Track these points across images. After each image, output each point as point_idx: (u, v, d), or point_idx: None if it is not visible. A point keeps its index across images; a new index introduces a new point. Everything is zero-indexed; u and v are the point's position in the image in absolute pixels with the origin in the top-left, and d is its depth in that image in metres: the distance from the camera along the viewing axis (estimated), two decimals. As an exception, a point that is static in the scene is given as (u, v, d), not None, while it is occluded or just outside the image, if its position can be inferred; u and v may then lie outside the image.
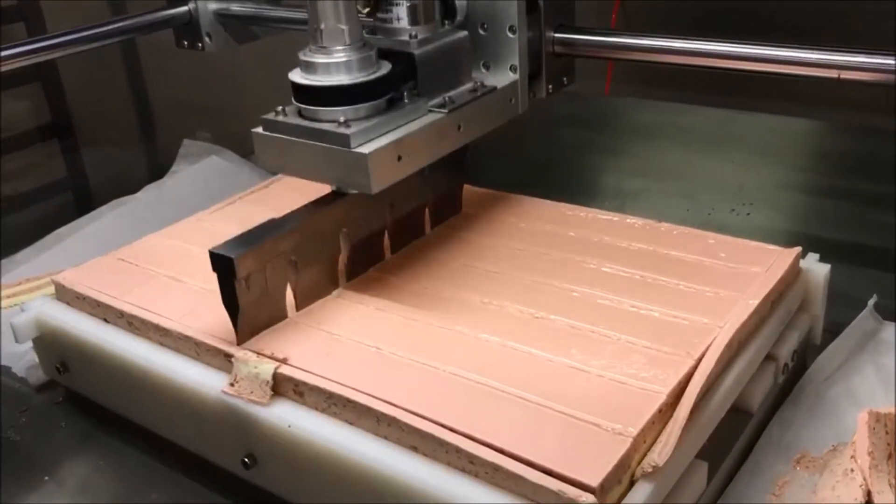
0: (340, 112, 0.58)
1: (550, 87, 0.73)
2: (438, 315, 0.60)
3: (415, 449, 0.49)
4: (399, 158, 0.59)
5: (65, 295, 0.67)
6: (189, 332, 0.59)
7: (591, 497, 0.43)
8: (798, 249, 0.64)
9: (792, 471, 0.58)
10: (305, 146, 0.59)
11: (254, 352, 0.56)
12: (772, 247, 0.65)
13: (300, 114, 0.60)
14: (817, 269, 0.65)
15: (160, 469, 0.62)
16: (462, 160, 0.72)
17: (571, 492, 0.43)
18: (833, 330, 0.69)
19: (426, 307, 0.61)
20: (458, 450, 0.47)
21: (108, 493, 0.61)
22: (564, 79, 0.74)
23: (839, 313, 0.69)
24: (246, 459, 0.56)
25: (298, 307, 0.61)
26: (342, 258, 0.64)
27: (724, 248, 0.65)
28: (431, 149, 0.63)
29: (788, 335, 0.63)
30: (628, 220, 0.71)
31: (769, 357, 0.61)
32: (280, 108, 0.61)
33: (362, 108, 0.59)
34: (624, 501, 0.46)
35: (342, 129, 0.57)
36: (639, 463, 0.47)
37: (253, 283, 0.57)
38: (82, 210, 1.02)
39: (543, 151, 1.16)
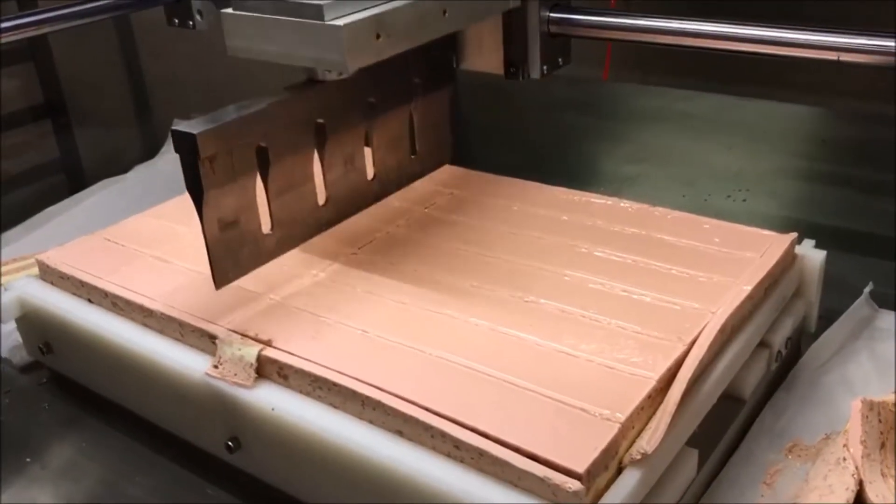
0: None
1: (545, 67, 0.71)
2: (427, 298, 0.59)
3: (400, 433, 0.49)
4: (377, 37, 0.54)
5: (49, 274, 0.66)
6: (173, 314, 0.58)
7: (577, 483, 0.42)
8: (794, 235, 0.63)
9: (784, 459, 0.57)
10: (277, 23, 0.55)
11: (238, 333, 0.55)
12: (767, 232, 0.64)
13: None
14: (813, 255, 0.64)
15: (144, 452, 0.61)
16: (449, 60, 0.68)
17: (557, 478, 0.43)
18: (828, 317, 0.68)
19: (415, 290, 0.60)
20: (443, 434, 0.46)
21: (92, 476, 0.60)
22: (560, 59, 0.73)
23: (834, 300, 0.69)
24: (230, 443, 0.55)
25: (270, 202, 0.57)
26: (326, 157, 0.60)
27: (719, 233, 0.64)
28: (413, 31, 0.57)
29: (782, 322, 0.62)
30: (622, 205, 0.70)
31: (762, 344, 0.60)
32: None
33: None
34: (611, 488, 0.45)
35: (317, 0, 0.53)
36: (627, 450, 0.46)
37: (218, 165, 0.53)
38: (75, 190, 1.01)
39: (540, 136, 1.15)
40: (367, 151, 0.67)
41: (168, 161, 1.05)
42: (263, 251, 0.60)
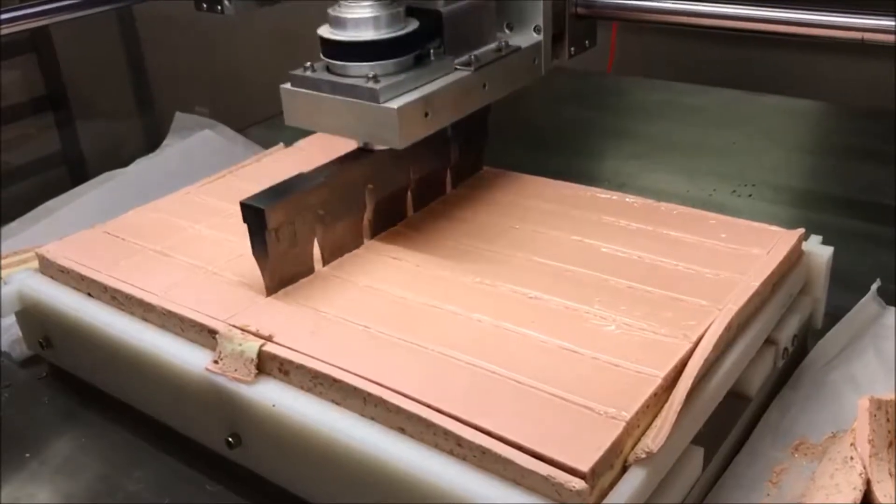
0: (369, 67, 0.59)
1: (573, 49, 0.72)
2: (430, 294, 0.58)
3: (402, 430, 0.48)
4: (426, 115, 0.60)
5: (48, 268, 0.66)
6: (174, 308, 0.58)
7: (581, 482, 0.42)
8: (801, 231, 0.63)
9: (790, 457, 0.57)
10: (334, 101, 0.60)
11: (239, 328, 0.55)
12: (774, 228, 0.63)
13: (328, 69, 0.61)
14: (820, 251, 0.64)
15: (144, 447, 0.61)
16: (485, 120, 0.72)
17: (561, 477, 0.42)
18: (835, 314, 0.67)
19: (417, 285, 0.59)
20: (445, 432, 0.46)
21: (91, 471, 0.59)
22: (587, 41, 0.74)
23: (841, 297, 0.68)
24: (230, 439, 0.55)
25: (325, 262, 0.62)
26: (367, 215, 0.65)
27: (725, 229, 0.64)
28: (457, 106, 0.63)
29: (789, 319, 0.62)
30: (627, 200, 0.69)
31: (769, 341, 0.60)
32: (308, 63, 0.61)
33: (390, 63, 0.60)
34: (616, 487, 0.44)
35: (371, 84, 0.58)
36: (632, 448, 0.46)
37: (283, 234, 0.58)
38: (76, 183, 1.00)
39: (545, 129, 1.14)
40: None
41: (169, 155, 1.04)
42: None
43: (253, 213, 0.57)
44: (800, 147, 1.06)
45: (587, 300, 0.56)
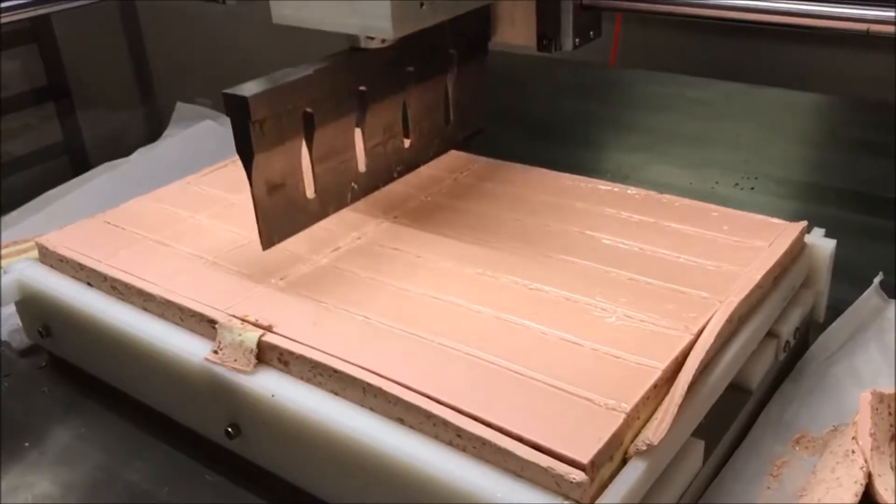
0: None
1: (577, 40, 0.70)
2: (430, 285, 0.58)
3: (401, 421, 0.48)
4: (421, 4, 0.56)
5: (48, 257, 0.66)
6: (173, 298, 0.58)
7: (580, 474, 0.41)
8: (803, 224, 0.62)
9: (791, 451, 0.57)
10: None
11: (239, 318, 0.55)
12: (777, 221, 0.63)
13: None
14: (822, 244, 0.63)
15: (143, 437, 0.61)
16: (485, 32, 0.69)
17: (561, 468, 0.42)
18: (837, 307, 0.67)
19: (418, 277, 0.59)
20: (445, 423, 0.46)
21: (91, 461, 0.59)
22: (591, 33, 0.72)
23: (844, 291, 0.68)
24: (229, 429, 0.54)
25: (314, 167, 0.59)
26: (364, 127, 0.61)
27: (727, 221, 0.63)
28: None
29: (791, 312, 0.61)
30: (629, 192, 0.69)
31: (770, 334, 0.60)
32: None
33: None
34: (616, 479, 0.44)
35: None
36: (632, 440, 0.45)
37: (268, 129, 0.54)
38: (78, 173, 1.00)
39: (547, 122, 1.14)
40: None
41: (170, 145, 1.04)
42: (307, 215, 0.61)
43: (236, 102, 0.53)
44: (803, 140, 1.05)
45: (588, 292, 0.56)
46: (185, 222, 0.68)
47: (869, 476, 0.51)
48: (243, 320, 0.54)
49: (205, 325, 0.56)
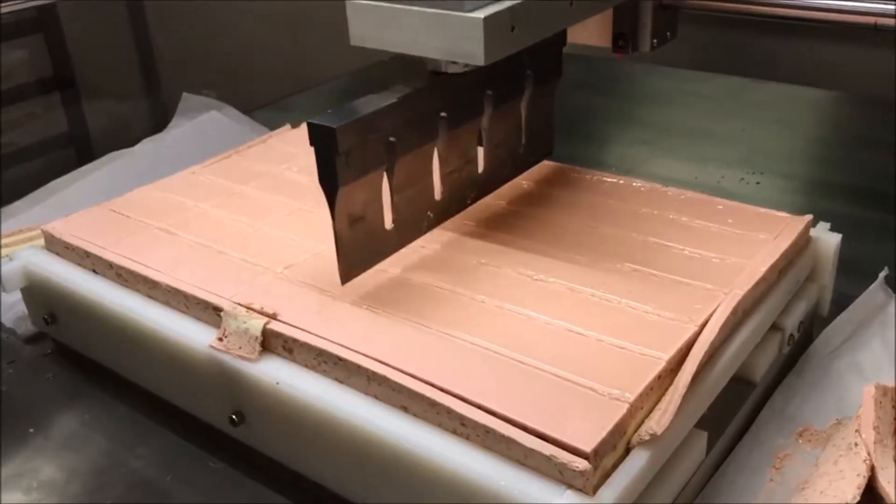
0: None
1: (655, 41, 0.68)
2: (433, 275, 0.58)
3: (405, 409, 0.48)
4: (512, 29, 0.54)
5: (54, 245, 0.66)
6: (178, 285, 0.58)
7: (584, 463, 0.42)
8: (809, 217, 0.62)
9: (794, 444, 0.57)
10: (409, 13, 0.53)
11: (244, 306, 0.55)
12: (781, 214, 0.63)
13: None
14: (827, 238, 0.63)
15: (148, 424, 0.61)
16: (560, 52, 0.67)
17: (564, 456, 0.42)
18: (841, 302, 0.67)
19: (421, 267, 0.59)
20: (449, 411, 0.46)
21: (95, 447, 0.59)
22: (668, 33, 0.70)
23: (848, 286, 0.67)
24: (234, 416, 0.55)
25: (393, 196, 0.57)
26: (439, 149, 0.59)
27: (732, 214, 0.63)
28: (544, 22, 0.57)
29: (795, 305, 0.61)
30: (634, 184, 0.69)
31: (775, 327, 0.60)
32: None
33: None
34: (619, 469, 0.44)
35: None
36: (636, 430, 0.46)
37: (353, 160, 0.52)
38: (83, 163, 1.00)
39: (554, 118, 1.13)
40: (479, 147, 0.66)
41: (175, 135, 1.04)
42: (384, 247, 0.58)
43: (322, 133, 0.51)
44: (809, 135, 1.05)
45: (592, 283, 0.56)
46: (190, 211, 0.68)
47: (872, 469, 0.51)
48: (248, 308, 0.55)
49: (210, 313, 0.56)
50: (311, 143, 0.52)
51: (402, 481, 0.47)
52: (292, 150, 0.79)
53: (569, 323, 0.52)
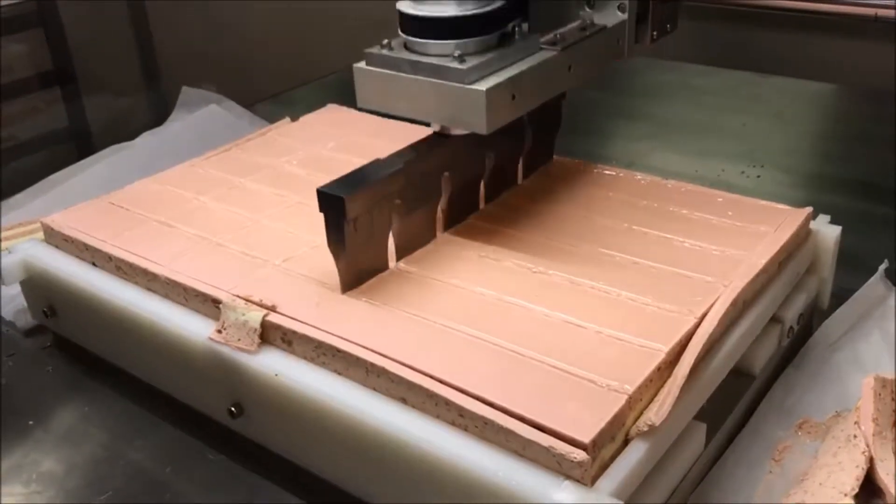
0: (454, 45, 0.55)
1: (655, 33, 0.68)
2: (433, 267, 0.58)
3: (404, 401, 0.48)
4: (513, 97, 0.56)
5: (53, 237, 0.66)
6: (177, 278, 0.58)
7: (582, 454, 0.41)
8: (809, 210, 0.62)
9: (793, 436, 0.57)
10: (414, 82, 0.56)
11: (243, 298, 0.55)
12: (782, 206, 0.63)
13: (406, 47, 0.57)
14: (828, 231, 0.63)
15: (147, 416, 0.61)
16: (560, 105, 0.69)
17: (562, 448, 0.42)
18: (841, 295, 0.67)
19: (420, 259, 0.59)
20: (447, 402, 0.46)
21: (94, 440, 0.59)
22: (668, 25, 0.69)
23: (848, 278, 0.67)
24: (232, 408, 0.55)
25: (399, 256, 0.59)
26: (441, 205, 0.61)
27: (733, 207, 0.63)
28: (543, 88, 0.59)
29: (795, 298, 0.61)
30: (635, 177, 0.69)
31: (774, 319, 0.60)
32: (385, 41, 0.57)
33: (476, 42, 0.55)
34: (617, 460, 0.44)
35: (457, 64, 0.54)
36: (634, 421, 0.45)
37: (360, 225, 0.54)
38: (83, 157, 1.00)
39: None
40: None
41: (175, 129, 1.04)
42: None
43: (331, 201, 0.53)
44: (809, 129, 1.05)
45: (592, 275, 0.56)
46: (189, 204, 0.68)
47: (871, 461, 0.51)
48: (247, 300, 0.55)
49: (209, 305, 0.56)
50: (321, 210, 0.54)
51: (401, 473, 0.47)
52: (291, 143, 0.79)
53: (568, 315, 0.52)
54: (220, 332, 0.54)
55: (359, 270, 0.56)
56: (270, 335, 0.53)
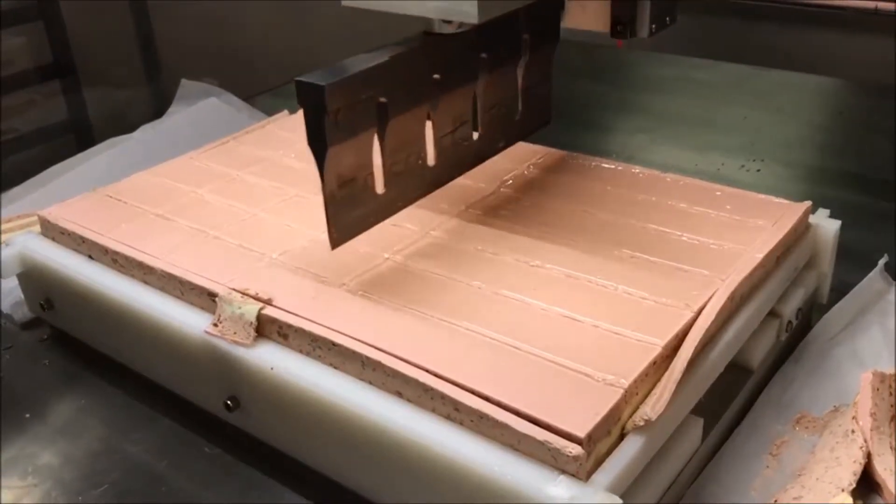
0: None
1: (654, 26, 0.66)
2: (429, 261, 0.58)
3: (399, 394, 0.48)
4: None
5: (50, 230, 0.66)
6: (174, 271, 0.58)
7: (577, 448, 0.41)
8: (808, 204, 0.62)
9: (791, 430, 0.56)
10: None
11: (239, 291, 0.55)
12: (780, 200, 0.63)
13: None
14: (827, 225, 0.63)
15: (143, 409, 0.61)
16: (557, 18, 0.66)
17: (557, 442, 0.42)
18: (841, 289, 0.67)
19: (417, 253, 0.59)
20: (443, 396, 0.46)
21: (91, 433, 0.59)
22: (668, 18, 0.68)
23: (848, 273, 0.67)
24: (228, 402, 0.54)
25: (386, 181, 0.55)
26: (432, 115, 0.58)
27: (731, 201, 0.63)
28: None
29: (794, 292, 0.61)
30: (633, 170, 0.69)
31: (773, 314, 0.59)
32: None
33: None
34: (613, 454, 0.44)
35: None
36: (630, 416, 0.45)
37: (342, 120, 0.50)
38: (83, 150, 1.00)
39: (553, 102, 1.13)
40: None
41: (174, 121, 1.04)
42: (376, 212, 0.57)
43: (310, 92, 0.49)
44: (809, 123, 1.04)
45: (589, 269, 0.56)
46: (186, 196, 0.68)
47: (868, 456, 0.51)
48: (243, 293, 0.54)
49: (205, 299, 0.56)
50: (299, 103, 0.50)
51: (397, 467, 0.47)
52: (290, 136, 0.78)
53: (565, 309, 0.52)
54: (216, 325, 0.54)
55: (343, 179, 0.52)
56: (266, 329, 0.53)
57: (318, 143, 0.50)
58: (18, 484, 0.55)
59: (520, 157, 0.72)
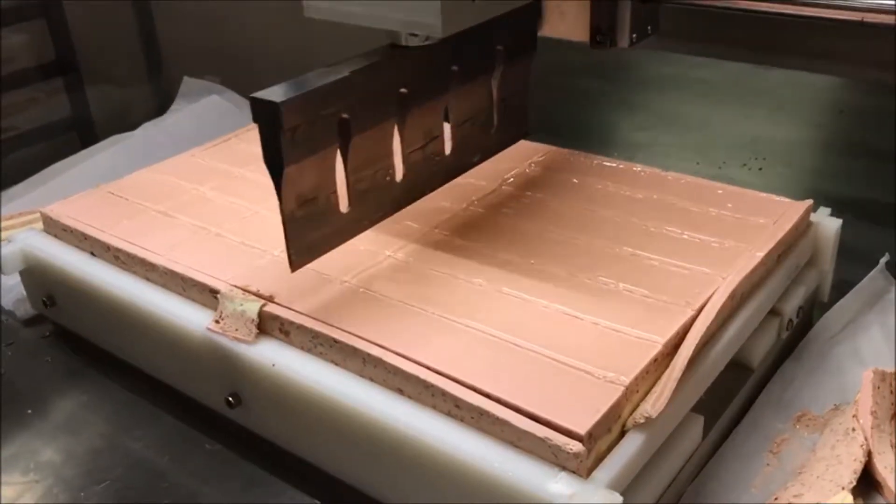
0: None
1: (634, 35, 0.65)
2: (430, 258, 0.58)
3: (400, 391, 0.48)
4: None
5: (52, 227, 0.66)
6: (176, 268, 0.58)
7: (578, 445, 0.41)
8: (809, 202, 0.62)
9: (792, 429, 0.56)
10: None
11: (241, 288, 0.55)
12: (781, 199, 0.63)
13: None
14: (828, 223, 0.63)
15: (145, 406, 0.61)
16: (534, 28, 0.64)
17: (558, 439, 0.42)
18: (842, 288, 0.67)
19: (418, 250, 0.59)
20: (443, 393, 0.46)
21: (93, 429, 0.60)
22: (649, 27, 0.67)
23: (849, 271, 0.67)
24: (230, 398, 0.55)
25: (351, 199, 0.53)
26: (399, 129, 0.56)
27: (732, 199, 0.63)
28: None
29: (795, 290, 0.61)
30: (634, 169, 0.69)
31: (773, 312, 0.59)
32: None
33: None
34: (613, 451, 0.44)
35: None
36: (631, 413, 0.45)
37: (300, 137, 0.48)
38: (86, 148, 1.00)
39: (555, 101, 1.13)
40: (446, 125, 0.62)
41: (176, 119, 1.04)
42: (340, 231, 0.55)
43: (265, 109, 0.47)
44: (811, 122, 1.04)
45: (590, 267, 0.56)
46: (188, 194, 0.68)
47: (869, 454, 0.51)
48: (245, 290, 0.55)
49: (206, 295, 0.56)
50: (254, 120, 0.48)
51: (397, 463, 0.47)
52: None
53: (565, 307, 0.52)
54: (217, 322, 0.54)
55: (303, 198, 0.50)
56: (268, 325, 0.53)
57: (275, 162, 0.48)
58: (20, 480, 0.56)
59: (521, 155, 0.72)
